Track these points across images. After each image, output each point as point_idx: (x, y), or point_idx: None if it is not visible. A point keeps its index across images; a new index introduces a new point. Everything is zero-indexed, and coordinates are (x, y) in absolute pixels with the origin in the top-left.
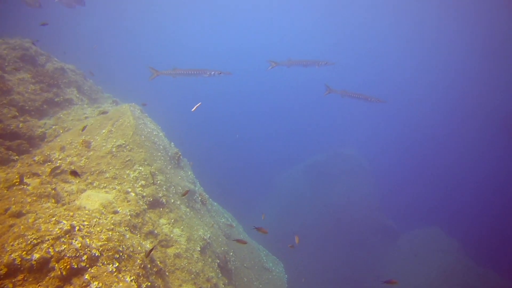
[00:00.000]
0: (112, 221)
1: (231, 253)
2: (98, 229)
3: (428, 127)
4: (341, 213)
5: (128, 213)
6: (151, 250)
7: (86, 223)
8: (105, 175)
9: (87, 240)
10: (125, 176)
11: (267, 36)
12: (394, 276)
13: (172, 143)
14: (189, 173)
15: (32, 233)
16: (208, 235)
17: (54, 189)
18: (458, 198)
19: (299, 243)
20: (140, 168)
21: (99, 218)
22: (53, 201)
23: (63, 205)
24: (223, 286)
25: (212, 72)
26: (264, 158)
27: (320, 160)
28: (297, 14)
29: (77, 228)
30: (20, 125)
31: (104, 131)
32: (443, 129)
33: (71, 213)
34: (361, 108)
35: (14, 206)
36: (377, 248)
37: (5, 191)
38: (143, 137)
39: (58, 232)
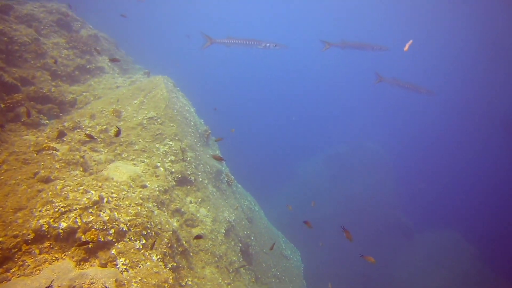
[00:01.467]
0: (141, 195)
1: (253, 237)
2: (126, 202)
3: (456, 130)
4: (360, 207)
5: (157, 189)
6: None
7: (115, 195)
8: (134, 147)
9: (115, 213)
10: (154, 150)
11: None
12: (407, 278)
13: (202, 120)
14: (217, 152)
15: (60, 201)
16: (233, 218)
17: (83, 157)
18: (477, 203)
19: (317, 234)
20: (171, 142)
21: (128, 191)
22: (81, 169)
23: (91, 174)
24: (243, 271)
25: (268, 44)
26: (286, 146)
27: (342, 152)
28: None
29: (105, 199)
30: (52, 89)
31: (136, 101)
32: (471, 133)
33: (100, 183)
34: (388, 102)
35: (43, 171)
36: (392, 246)
37: (35, 154)
38: (175, 111)
39: (86, 202)
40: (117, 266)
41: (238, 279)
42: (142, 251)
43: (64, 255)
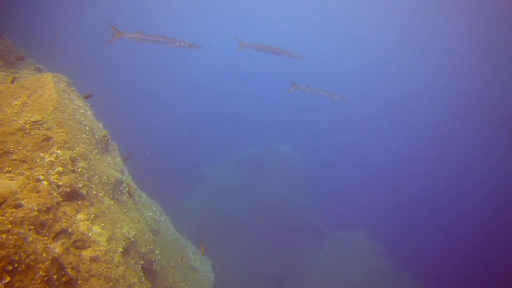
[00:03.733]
0: (12, 218)
1: (157, 251)
2: None
3: (365, 129)
4: (271, 209)
5: (36, 208)
6: None
7: None
8: (11, 156)
9: None
10: (38, 160)
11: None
12: (319, 277)
13: (101, 123)
14: (117, 159)
15: None
16: (133, 233)
17: None
18: (383, 201)
19: (228, 238)
20: (59, 151)
21: None
22: None
23: None
24: None
25: (182, 43)
26: (195, 149)
27: (253, 154)
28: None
29: None
30: None
31: (17, 102)
32: (376, 131)
33: None
34: (298, 104)
35: None
36: (303, 247)
37: None
38: (66, 114)
39: None
40: None
41: None
42: None
43: None
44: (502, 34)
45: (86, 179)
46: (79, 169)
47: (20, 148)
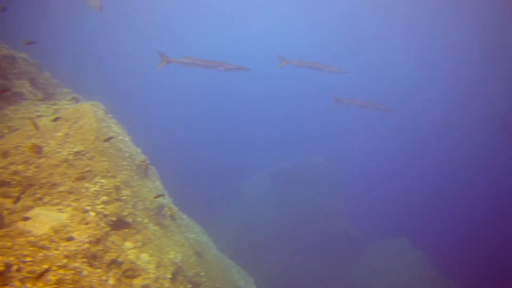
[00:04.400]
0: (66, 252)
1: (203, 273)
2: (44, 266)
3: (403, 135)
4: (308, 222)
5: (87, 240)
6: None
7: (28, 259)
8: (58, 188)
9: (28, 285)
10: (83, 191)
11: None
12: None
13: (139, 148)
14: (157, 183)
15: None
16: (180, 258)
17: None
18: (424, 209)
19: (267, 253)
20: (103, 180)
21: (49, 249)
22: None
23: (1, 227)
24: None
25: (229, 66)
26: (229, 164)
27: (287, 167)
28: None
29: (14, 267)
30: None
31: (59, 134)
32: (416, 136)
33: (9, 243)
34: (331, 114)
35: None
36: (343, 258)
37: None
38: (106, 143)
39: None
40: None
41: None
42: None
43: None
44: (502, 34)
45: (131, 206)
46: (124, 197)
47: (66, 179)
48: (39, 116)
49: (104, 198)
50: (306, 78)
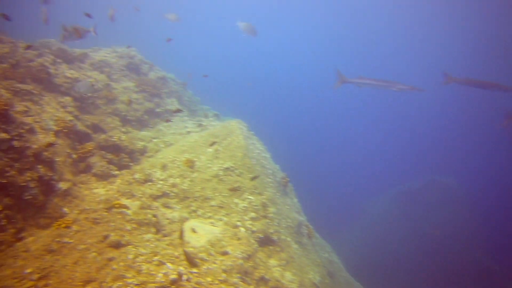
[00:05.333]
0: (223, 266)
1: None
2: (209, 279)
3: None
4: (436, 248)
5: (240, 255)
6: None
7: (195, 270)
8: (210, 202)
9: None
10: (233, 206)
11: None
12: None
13: (278, 165)
14: (295, 200)
15: (133, 276)
16: (318, 278)
17: (155, 215)
18: None
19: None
20: (251, 197)
21: (208, 262)
22: (153, 230)
23: (164, 236)
24: None
25: (404, 87)
26: (353, 183)
27: (414, 187)
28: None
29: (184, 277)
30: (123, 137)
31: (210, 150)
32: None
33: (176, 253)
34: (460, 130)
35: (113, 234)
36: None
37: (105, 213)
38: (254, 160)
39: (162, 279)
40: None
41: None
42: None
43: None
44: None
45: (276, 224)
46: (270, 214)
47: (217, 194)
48: (188, 132)
49: (252, 214)
50: (431, 93)
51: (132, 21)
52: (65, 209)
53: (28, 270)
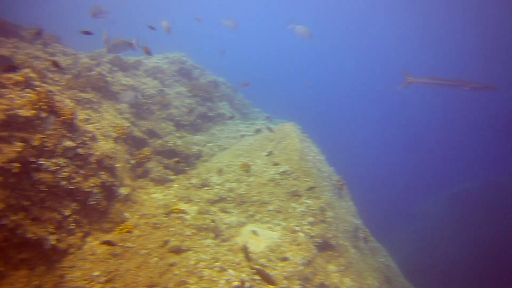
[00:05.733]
0: (284, 273)
1: None
2: (271, 287)
3: None
4: (495, 254)
5: (300, 261)
6: None
7: (256, 277)
8: (267, 207)
9: None
10: (290, 210)
11: None
12: None
13: (332, 167)
14: (350, 203)
15: (195, 282)
16: (376, 284)
17: (213, 220)
18: None
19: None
20: (308, 201)
21: (267, 267)
22: (212, 235)
23: (223, 241)
24: None
25: (475, 86)
26: (404, 184)
27: (470, 189)
28: None
29: (247, 284)
30: (178, 142)
31: (264, 154)
32: None
33: (237, 259)
34: None
35: (173, 239)
36: None
37: (164, 218)
38: (310, 163)
39: (225, 286)
40: None
41: None
42: None
43: None
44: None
45: (334, 228)
46: (328, 219)
47: (274, 198)
48: (242, 135)
49: (310, 219)
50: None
51: (184, 27)
52: (126, 214)
53: (96, 273)
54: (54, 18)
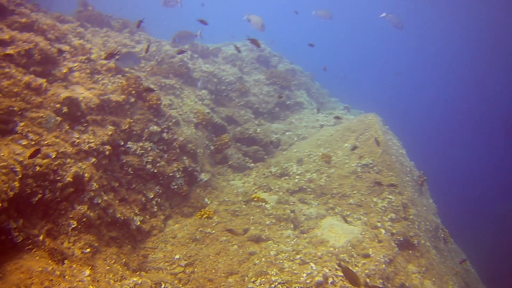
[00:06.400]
0: (366, 271)
1: None
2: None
3: None
4: None
5: (382, 259)
6: None
7: (339, 273)
8: (348, 200)
9: None
10: (371, 205)
11: None
12: None
13: (412, 162)
14: (430, 201)
15: (276, 273)
16: None
17: (293, 211)
18: None
19: None
20: (390, 196)
21: (348, 263)
22: (291, 226)
23: (302, 232)
24: None
25: None
26: (486, 183)
27: None
28: None
29: (330, 280)
30: (258, 129)
31: (346, 145)
32: None
33: (318, 253)
34: None
35: (253, 228)
36: None
37: (244, 205)
38: (393, 157)
39: (307, 280)
40: None
41: None
42: None
43: None
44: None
45: (416, 227)
46: (410, 216)
47: (355, 191)
48: (321, 125)
49: (391, 215)
50: None
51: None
52: (206, 200)
53: (177, 256)
54: (130, 7)
